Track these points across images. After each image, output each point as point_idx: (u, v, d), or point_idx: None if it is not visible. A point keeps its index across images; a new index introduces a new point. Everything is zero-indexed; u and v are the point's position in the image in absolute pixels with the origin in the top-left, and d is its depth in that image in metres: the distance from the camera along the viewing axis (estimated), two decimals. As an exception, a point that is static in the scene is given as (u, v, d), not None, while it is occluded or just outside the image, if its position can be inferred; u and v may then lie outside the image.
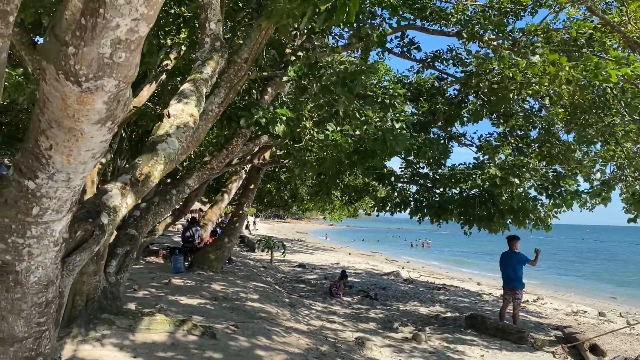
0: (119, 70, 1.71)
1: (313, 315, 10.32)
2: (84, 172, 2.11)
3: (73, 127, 1.85)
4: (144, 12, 1.61)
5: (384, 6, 7.54)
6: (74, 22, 1.59)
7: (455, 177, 10.75)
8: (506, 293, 9.94)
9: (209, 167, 8.76)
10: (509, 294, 9.85)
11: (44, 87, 1.76)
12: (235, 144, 8.64)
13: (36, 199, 2.07)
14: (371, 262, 25.63)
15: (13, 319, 2.30)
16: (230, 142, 8.68)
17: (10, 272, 2.22)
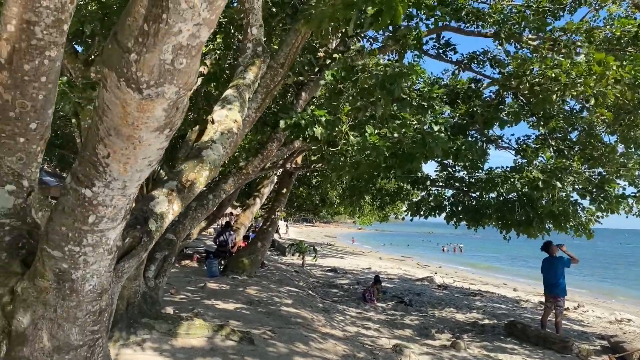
0: (179, 77, 1.68)
1: (348, 321, 10.21)
2: (140, 180, 2.10)
3: (132, 134, 1.82)
4: (206, 16, 1.57)
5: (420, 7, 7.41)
6: (137, 28, 1.56)
7: (492, 180, 10.48)
8: (548, 300, 9.62)
9: (244, 172, 8.79)
10: (550, 301, 9.53)
11: (104, 95, 1.74)
12: (270, 148, 8.65)
13: (92, 207, 2.06)
14: (403, 267, 25.32)
15: (68, 327, 2.30)
16: (265, 147, 8.69)
17: (66, 280, 2.22)
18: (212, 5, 1.56)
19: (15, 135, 2.52)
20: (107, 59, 1.65)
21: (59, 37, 2.42)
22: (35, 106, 2.49)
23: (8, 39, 2.31)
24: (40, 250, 2.19)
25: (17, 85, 2.40)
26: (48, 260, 2.17)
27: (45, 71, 2.44)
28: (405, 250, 46.63)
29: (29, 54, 2.36)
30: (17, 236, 2.47)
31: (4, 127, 2.49)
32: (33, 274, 2.23)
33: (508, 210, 10.78)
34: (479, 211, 11.50)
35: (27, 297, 2.24)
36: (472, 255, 46.57)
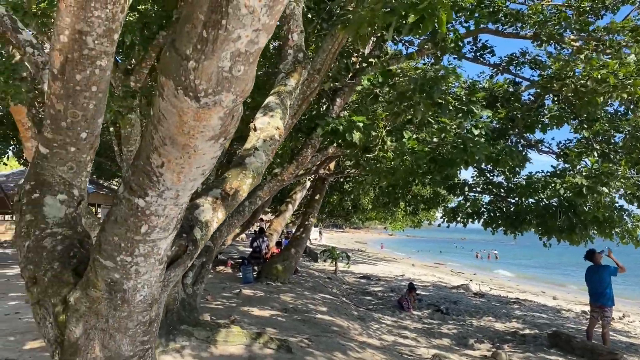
0: (237, 84, 1.63)
1: (384, 329, 10.05)
2: (192, 189, 2.06)
3: (187, 143, 1.79)
4: (266, 21, 1.52)
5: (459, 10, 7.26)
6: (196, 36, 1.52)
7: (533, 186, 10.17)
8: (594, 310, 9.22)
9: (279, 178, 8.77)
10: (596, 311, 9.14)
11: (160, 104, 1.71)
12: (305, 155, 8.61)
13: (145, 217, 2.04)
14: (437, 274, 24.88)
15: (120, 337, 2.28)
16: (300, 153, 8.66)
17: (118, 291, 2.20)
18: (272, 10, 1.51)
19: (67, 144, 2.54)
20: (164, 68, 1.62)
21: (110, 46, 2.42)
22: (86, 115, 2.51)
23: (61, 49, 2.33)
24: (92, 260, 2.18)
25: (69, 95, 2.42)
26: (100, 271, 2.16)
27: (96, 80, 2.45)
28: (438, 257, 45.91)
29: (81, 63, 2.37)
30: (69, 245, 2.48)
31: (56, 137, 2.51)
32: (85, 284, 2.22)
33: (549, 216, 10.43)
34: (518, 217, 11.19)
35: (79, 307, 2.23)
36: (508, 262, 45.43)
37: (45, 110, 2.48)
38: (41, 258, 2.41)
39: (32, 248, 2.44)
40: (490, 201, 12.08)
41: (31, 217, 2.49)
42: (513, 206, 11.45)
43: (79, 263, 2.46)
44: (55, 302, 2.35)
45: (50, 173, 2.55)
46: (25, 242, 2.47)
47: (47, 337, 2.38)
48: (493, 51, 9.29)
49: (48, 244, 2.44)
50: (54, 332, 2.35)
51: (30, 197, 2.51)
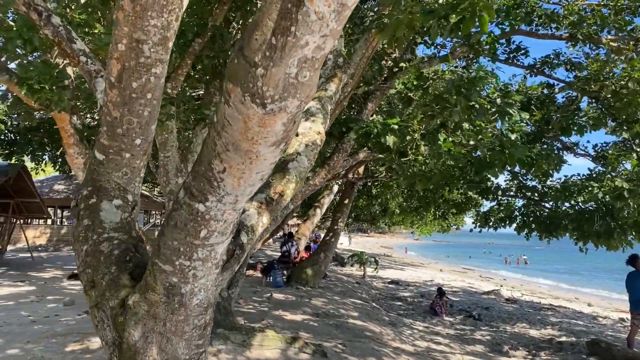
0: (302, 90, 1.64)
1: (416, 335, 9.94)
2: (250, 194, 2.08)
3: (250, 149, 1.81)
4: (334, 27, 1.53)
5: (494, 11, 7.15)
6: (265, 42, 1.54)
7: (568, 189, 9.94)
8: (635, 318, 8.94)
9: (311, 183, 8.79)
10: (638, 319, 8.85)
11: (225, 110, 1.74)
12: (336, 159, 8.61)
13: (205, 222, 2.07)
14: (466, 279, 24.51)
15: (176, 340, 2.31)
16: (332, 157, 8.67)
17: (175, 294, 2.23)
18: (340, 16, 1.52)
19: (122, 151, 2.60)
20: (232, 75, 1.64)
21: (165, 54, 2.47)
22: (141, 122, 2.56)
23: (118, 57, 2.39)
24: (151, 264, 2.22)
25: (125, 103, 2.47)
26: (159, 274, 2.20)
27: (151, 88, 2.50)
28: (465, 262, 45.24)
29: (137, 71, 2.42)
30: (125, 249, 2.53)
31: (112, 144, 2.57)
32: (144, 287, 2.26)
33: (585, 221, 10.17)
34: (553, 222, 10.94)
35: (138, 310, 2.27)
36: (538, 268, 44.47)
37: (102, 117, 2.54)
38: (99, 262, 2.47)
39: (90, 252, 2.50)
40: (523, 205, 11.85)
41: (89, 222, 2.55)
42: (547, 210, 11.21)
43: (135, 267, 2.51)
44: (113, 305, 2.40)
45: (106, 179, 2.62)
46: (83, 247, 2.53)
47: (105, 340, 2.43)
48: (527, 52, 9.14)
49: (105, 248, 2.50)
50: (111, 334, 2.40)
51: (87, 202, 2.58)
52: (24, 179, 19.08)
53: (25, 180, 19.17)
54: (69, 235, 28.29)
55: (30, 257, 21.08)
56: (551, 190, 10.85)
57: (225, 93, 1.71)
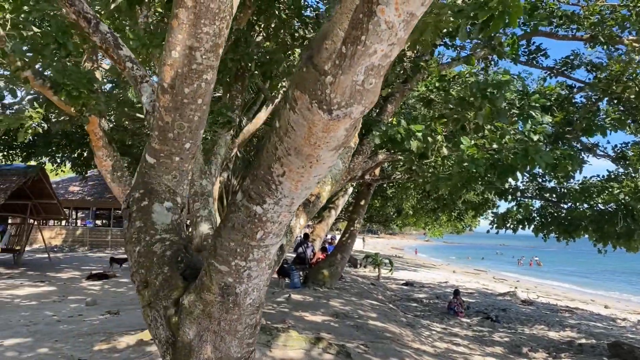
0: (367, 97, 1.70)
1: (435, 336, 9.95)
2: (304, 197, 2.14)
3: (311, 154, 1.87)
4: (401, 36, 1.58)
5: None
6: (334, 51, 1.60)
7: (588, 190, 9.90)
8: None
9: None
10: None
11: (290, 116, 1.80)
12: (356, 161, 8.66)
13: (262, 224, 2.13)
14: (480, 280, 24.42)
15: (229, 339, 2.38)
16: (352, 159, 8.72)
17: (230, 294, 2.30)
18: (408, 25, 1.57)
19: (172, 154, 2.68)
20: (300, 82, 1.70)
21: (215, 61, 2.55)
22: (191, 127, 2.63)
23: (172, 64, 2.46)
24: (207, 264, 2.29)
25: (177, 108, 2.55)
26: (215, 275, 2.26)
27: (202, 93, 2.57)
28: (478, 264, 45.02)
29: (190, 77, 2.50)
30: (177, 250, 2.60)
31: (163, 148, 2.65)
32: (200, 287, 2.33)
33: (606, 222, 10.12)
34: (572, 223, 10.90)
35: (193, 309, 2.34)
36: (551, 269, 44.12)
37: (153, 122, 2.62)
38: (152, 263, 2.55)
39: (143, 253, 2.57)
40: (541, 206, 11.82)
41: (141, 224, 2.62)
42: (566, 211, 11.16)
43: (186, 268, 2.58)
44: (166, 305, 2.47)
45: (157, 182, 2.69)
46: (135, 248, 2.61)
47: (159, 338, 2.51)
48: (546, 54, 9.12)
49: (158, 249, 2.57)
50: (165, 333, 2.47)
51: (139, 204, 2.65)
52: (42, 181, 19.35)
53: (43, 182, 19.44)
54: (83, 237, 28.63)
55: (48, 258, 21.36)
56: (570, 191, 10.82)
57: (291, 100, 1.77)
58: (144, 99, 2.97)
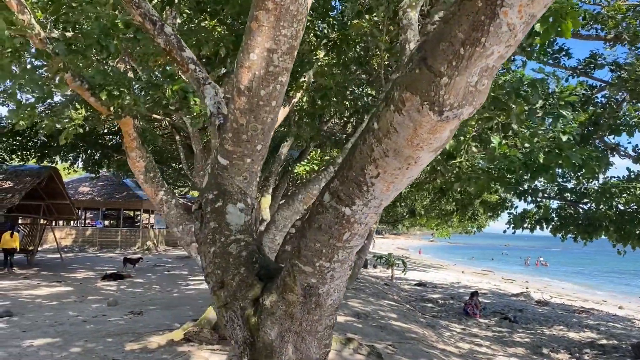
0: (478, 98, 1.70)
1: (456, 337, 9.95)
2: (392, 199, 2.15)
3: (411, 155, 1.87)
4: (519, 37, 1.59)
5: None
6: (452, 53, 1.60)
7: (610, 191, 9.87)
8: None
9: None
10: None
11: (393, 118, 1.80)
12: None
13: (349, 225, 2.13)
14: (491, 281, 24.38)
15: (310, 340, 2.39)
16: (376, 160, 8.72)
17: (313, 295, 2.31)
18: (528, 26, 1.58)
19: (244, 156, 2.69)
20: (411, 83, 1.70)
21: (290, 63, 2.55)
22: (264, 129, 2.64)
23: (250, 67, 2.47)
24: (291, 265, 2.30)
25: (252, 110, 2.56)
26: (299, 275, 2.27)
27: (276, 96, 2.58)
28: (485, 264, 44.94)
29: (266, 80, 2.51)
30: (252, 251, 2.61)
31: (236, 149, 2.66)
32: (282, 288, 2.33)
33: (627, 222, 10.09)
34: (592, 223, 10.87)
35: (275, 310, 2.35)
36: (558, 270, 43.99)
37: (227, 124, 2.63)
38: (228, 263, 2.55)
39: (219, 254, 2.58)
40: (560, 207, 11.80)
41: (215, 225, 2.63)
42: (585, 212, 11.14)
43: (261, 268, 2.58)
44: (244, 305, 2.48)
45: (230, 183, 2.70)
46: (210, 249, 2.62)
47: (235, 339, 2.51)
48: (569, 53, 9.10)
49: (234, 250, 2.58)
50: (242, 333, 2.48)
51: (213, 205, 2.66)
52: (55, 181, 19.42)
53: (56, 182, 19.51)
54: (93, 237, 28.70)
55: (60, 258, 21.43)
56: (590, 191, 10.79)
57: (397, 101, 1.77)
58: (207, 100, 2.98)
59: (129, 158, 6.19)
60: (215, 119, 2.97)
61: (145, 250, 26.89)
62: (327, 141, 9.98)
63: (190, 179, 15.44)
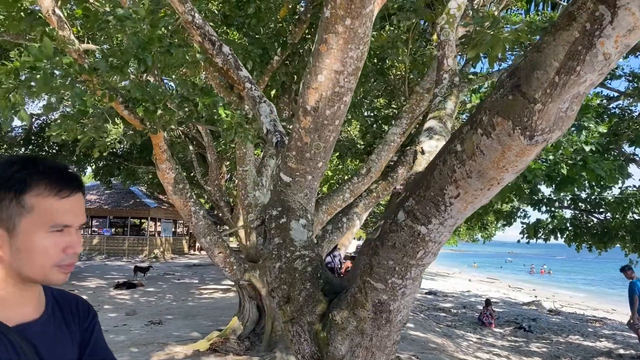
0: (566, 123, 1.77)
1: (474, 347, 9.95)
2: (465, 217, 2.20)
3: (495, 176, 1.93)
4: (612, 66, 1.65)
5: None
6: (547, 81, 1.67)
7: (626, 201, 9.93)
8: None
9: (374, 195, 8.93)
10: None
11: (481, 141, 1.86)
12: (400, 172, 8.74)
13: (424, 243, 2.18)
14: (500, 289, 24.35)
15: (379, 355, 2.43)
16: (395, 170, 8.79)
17: (384, 311, 2.35)
18: (621, 55, 1.64)
19: (306, 173, 2.75)
20: (503, 109, 1.76)
21: (354, 83, 2.62)
22: (326, 147, 2.71)
23: (317, 88, 2.54)
24: (362, 282, 2.34)
25: (317, 129, 2.62)
26: (370, 292, 2.32)
27: (340, 115, 2.65)
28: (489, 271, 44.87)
29: (332, 100, 2.57)
30: (316, 267, 2.66)
31: (299, 167, 2.72)
32: (353, 304, 2.38)
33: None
34: (606, 233, 10.92)
35: (346, 326, 2.39)
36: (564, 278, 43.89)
37: (291, 142, 2.69)
38: (294, 279, 2.60)
39: (285, 269, 2.63)
40: (573, 216, 11.85)
41: (280, 241, 2.69)
42: (600, 221, 11.19)
43: (325, 284, 2.63)
44: (311, 320, 2.52)
45: (292, 199, 2.76)
46: (276, 264, 2.67)
47: (302, 353, 2.56)
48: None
49: (299, 265, 2.63)
50: (310, 348, 2.52)
51: (278, 222, 2.72)
52: (66, 190, 19.49)
53: (66, 191, 19.58)
54: (100, 245, 28.73)
55: (69, 267, 21.46)
56: (604, 201, 10.84)
57: (486, 125, 1.83)
58: (262, 118, 3.05)
59: (159, 170, 6.25)
60: (272, 136, 3.04)
61: (153, 258, 26.91)
62: (347, 152, 10.04)
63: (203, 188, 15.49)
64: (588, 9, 1.60)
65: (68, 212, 1.09)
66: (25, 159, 1.11)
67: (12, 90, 4.26)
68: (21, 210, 1.05)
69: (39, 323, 1.14)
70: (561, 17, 1.72)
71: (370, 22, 2.54)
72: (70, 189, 1.10)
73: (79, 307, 1.28)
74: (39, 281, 1.12)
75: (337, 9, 2.41)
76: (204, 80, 8.31)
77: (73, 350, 1.20)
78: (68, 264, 1.11)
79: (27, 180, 1.06)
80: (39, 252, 1.06)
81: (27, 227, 1.05)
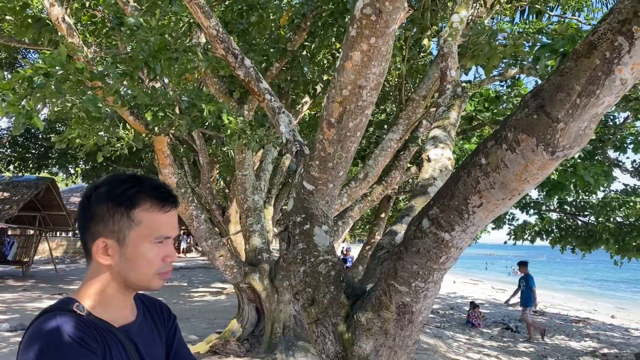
0: (585, 140, 1.94)
1: (464, 347, 10.18)
2: (486, 225, 2.37)
3: (517, 188, 2.10)
4: (628, 89, 1.83)
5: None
6: (569, 102, 1.84)
7: (610, 204, 10.28)
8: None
9: (369, 199, 9.10)
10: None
11: (505, 155, 2.02)
12: (394, 176, 8.93)
13: (447, 249, 2.34)
14: (485, 291, 24.76)
15: (401, 354, 2.58)
16: (389, 174, 8.98)
17: (406, 313, 2.50)
18: (636, 80, 1.82)
19: (328, 182, 2.89)
20: (528, 127, 1.93)
21: (375, 97, 2.77)
22: (347, 157, 2.85)
23: (341, 102, 2.69)
24: (387, 285, 2.49)
25: (340, 140, 2.77)
26: (394, 295, 2.47)
27: (361, 127, 2.80)
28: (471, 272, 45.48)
29: (355, 113, 2.72)
30: (339, 271, 2.80)
31: (322, 176, 2.86)
32: (377, 305, 2.53)
33: (626, 235, 10.50)
34: (591, 235, 11.27)
35: (371, 326, 2.54)
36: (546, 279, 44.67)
37: (315, 152, 2.83)
38: (318, 282, 2.74)
39: (309, 273, 2.77)
40: (559, 219, 12.20)
41: (304, 246, 2.82)
42: (585, 224, 11.55)
43: (347, 287, 2.78)
44: (336, 322, 2.66)
45: (315, 206, 2.90)
46: (300, 268, 2.80)
47: (327, 353, 2.69)
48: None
49: (323, 269, 2.77)
50: (334, 348, 2.66)
51: (302, 228, 2.85)
52: (52, 192, 19.31)
53: (53, 193, 19.40)
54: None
55: (54, 270, 21.23)
56: (589, 204, 11.20)
57: (511, 141, 2.00)
58: (282, 128, 3.18)
59: (161, 174, 6.33)
60: (292, 146, 3.17)
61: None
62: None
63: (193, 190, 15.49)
64: (608, 39, 1.78)
65: (168, 225, 1.22)
66: (133, 178, 1.24)
67: (25, 97, 4.32)
68: (131, 224, 1.18)
69: (136, 324, 1.27)
70: (582, 45, 1.90)
71: (392, 40, 2.69)
72: (170, 205, 1.23)
73: (162, 309, 1.41)
74: (141, 287, 1.24)
75: (362, 29, 2.56)
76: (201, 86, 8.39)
77: (162, 350, 1.33)
78: (166, 271, 1.23)
79: (136, 197, 1.19)
80: (145, 261, 1.19)
81: (135, 238, 1.18)
